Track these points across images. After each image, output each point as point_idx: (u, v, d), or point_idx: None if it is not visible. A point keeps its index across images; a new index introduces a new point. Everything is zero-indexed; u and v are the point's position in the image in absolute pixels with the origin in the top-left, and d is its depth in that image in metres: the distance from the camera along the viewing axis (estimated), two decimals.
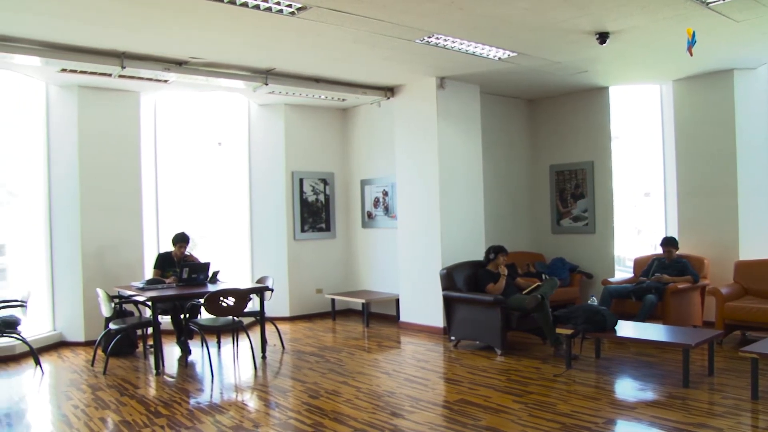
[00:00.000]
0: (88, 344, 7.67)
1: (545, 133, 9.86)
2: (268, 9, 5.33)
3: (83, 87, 7.86)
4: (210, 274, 7.44)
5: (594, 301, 6.48)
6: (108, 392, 5.82)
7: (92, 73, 7.08)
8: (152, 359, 6.72)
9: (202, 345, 7.21)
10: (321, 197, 10.05)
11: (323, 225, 10.07)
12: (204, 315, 7.15)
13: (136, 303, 7.09)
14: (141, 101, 8.44)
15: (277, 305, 9.29)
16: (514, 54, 7.02)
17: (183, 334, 7.40)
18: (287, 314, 9.60)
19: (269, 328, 7.87)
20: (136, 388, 5.97)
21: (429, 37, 6.33)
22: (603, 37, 6.23)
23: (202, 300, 6.59)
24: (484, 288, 7.20)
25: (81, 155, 7.90)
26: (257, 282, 7.75)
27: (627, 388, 5.71)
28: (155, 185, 8.81)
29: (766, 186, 8.01)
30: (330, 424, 4.78)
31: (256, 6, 5.26)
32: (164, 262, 7.64)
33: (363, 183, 10.04)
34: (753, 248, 7.89)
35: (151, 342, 6.81)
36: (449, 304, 7.51)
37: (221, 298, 6.49)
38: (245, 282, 8.88)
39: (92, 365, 6.86)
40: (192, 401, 5.58)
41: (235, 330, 7.39)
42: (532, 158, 9.99)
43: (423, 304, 8.51)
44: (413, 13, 5.57)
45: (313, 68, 7.70)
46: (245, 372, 6.65)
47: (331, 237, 10.18)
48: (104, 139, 8.07)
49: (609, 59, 7.36)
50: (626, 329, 6.23)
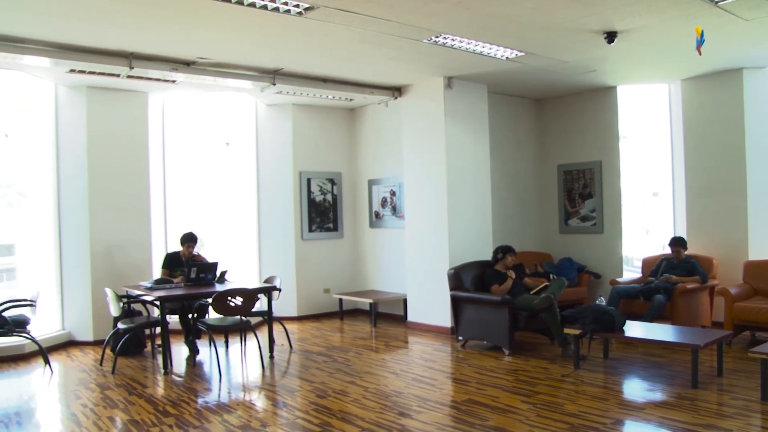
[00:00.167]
0: (97, 343, 7.70)
1: (553, 133, 9.84)
2: (276, 9, 5.33)
3: (91, 87, 7.90)
4: (218, 274, 7.46)
5: (602, 301, 6.46)
6: (116, 391, 5.85)
7: (101, 74, 7.11)
8: (160, 359, 6.74)
9: (210, 344, 7.23)
10: (329, 197, 10.06)
11: (331, 225, 10.08)
12: (212, 314, 7.18)
13: (145, 303, 7.11)
14: (149, 101, 8.47)
15: (285, 305, 9.30)
16: (522, 54, 7.00)
17: (191, 334, 7.43)
18: (295, 314, 9.61)
19: (277, 328, 7.88)
20: (145, 388, 5.99)
21: (436, 37, 6.32)
22: (611, 37, 6.20)
23: (210, 300, 6.61)
24: (489, 288, 7.20)
25: (89, 155, 7.93)
26: (265, 282, 7.77)
27: (635, 389, 5.69)
28: (163, 185, 8.85)
29: None
30: (338, 424, 4.79)
31: (264, 6, 5.27)
32: (172, 262, 7.67)
33: (371, 183, 10.04)
34: (762, 248, 7.84)
35: (160, 341, 6.83)
36: (457, 304, 7.51)
37: (229, 298, 6.51)
38: (253, 282, 8.90)
39: (101, 364, 6.89)
40: (200, 401, 5.60)
41: (243, 330, 7.41)
42: (540, 158, 9.97)
43: (431, 304, 8.50)
44: (420, 13, 5.56)
45: (321, 68, 7.70)
46: (253, 371, 6.66)
47: (339, 237, 10.19)
48: (112, 140, 8.10)
49: (617, 59, 7.33)
50: (634, 329, 6.21)
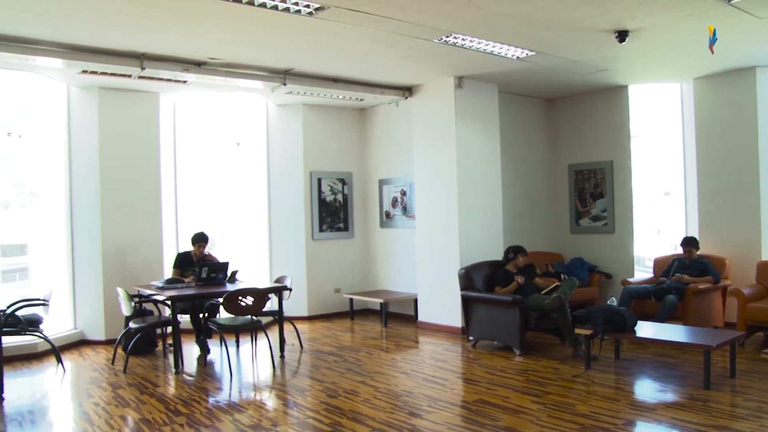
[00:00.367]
0: (109, 343, 7.75)
1: (564, 133, 9.80)
2: (286, 9, 5.35)
3: (103, 88, 7.95)
4: (229, 274, 7.48)
5: (613, 302, 6.42)
6: (128, 390, 5.88)
7: (112, 74, 7.16)
8: (171, 358, 6.77)
9: (221, 344, 7.26)
10: (339, 197, 10.07)
11: (341, 225, 10.09)
12: (223, 314, 7.20)
13: (156, 302, 7.14)
14: (160, 102, 8.51)
15: (296, 305, 9.32)
16: (533, 53, 6.98)
17: (202, 333, 7.45)
18: (305, 314, 9.63)
19: (288, 328, 7.90)
20: (156, 387, 6.02)
21: (447, 37, 6.31)
22: (622, 36, 6.18)
23: (221, 299, 6.63)
24: (494, 288, 7.20)
25: (101, 156, 7.98)
26: (276, 281, 7.79)
27: (647, 390, 5.66)
28: (174, 185, 8.88)
29: None
30: (348, 424, 4.79)
31: (274, 6, 5.28)
32: (183, 262, 7.70)
33: (381, 183, 10.04)
34: None
35: (171, 341, 6.86)
36: (467, 304, 7.49)
37: (240, 298, 6.52)
38: (264, 281, 8.92)
39: (112, 363, 6.93)
40: (211, 400, 5.62)
41: (254, 329, 7.43)
42: (551, 158, 9.94)
43: (441, 304, 8.50)
44: (431, 13, 5.56)
45: (331, 68, 7.71)
46: (264, 371, 6.68)
47: (350, 237, 10.20)
48: (124, 140, 8.15)
49: (628, 58, 7.29)
50: (646, 330, 6.17)
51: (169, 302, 6.54)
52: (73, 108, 8.06)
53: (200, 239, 7.66)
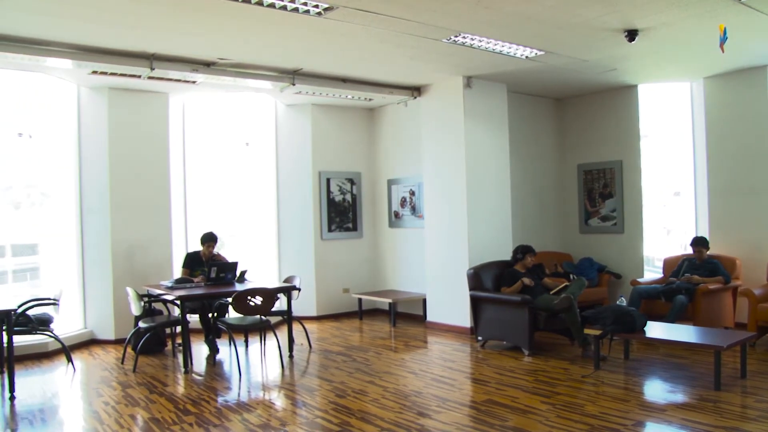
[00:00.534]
0: (118, 342, 7.78)
1: (573, 132, 9.77)
2: (295, 9, 5.35)
3: (113, 89, 7.98)
4: (238, 274, 7.50)
5: (623, 302, 6.39)
6: (137, 389, 5.90)
7: (122, 75, 7.19)
8: (181, 357, 6.79)
9: (230, 344, 7.28)
10: (348, 197, 10.08)
11: (350, 225, 10.10)
12: (232, 314, 7.22)
13: (165, 302, 7.18)
14: (169, 102, 8.54)
15: (304, 304, 9.33)
16: (542, 52, 6.96)
17: (211, 333, 7.47)
18: (314, 313, 9.64)
19: (296, 328, 7.91)
20: (165, 386, 6.04)
21: (456, 37, 6.31)
22: (632, 35, 6.15)
23: (230, 299, 6.65)
24: (500, 288, 7.20)
25: (111, 156, 8.02)
26: (284, 281, 7.80)
27: (656, 390, 5.64)
28: (183, 185, 8.92)
29: None
30: (357, 424, 4.79)
31: (283, 7, 5.29)
32: (192, 262, 7.73)
33: (390, 182, 10.04)
34: None
35: (180, 340, 6.88)
36: (476, 304, 7.48)
37: (249, 297, 6.54)
38: (273, 281, 8.94)
39: (122, 363, 6.97)
40: (220, 399, 5.63)
41: (263, 329, 7.45)
42: (560, 157, 9.91)
43: (450, 304, 8.49)
44: (440, 13, 5.55)
45: (340, 68, 7.72)
46: (272, 371, 6.69)
47: (358, 237, 10.20)
48: (133, 140, 8.19)
49: (638, 57, 7.26)
50: (656, 330, 6.14)
51: (179, 302, 6.56)
52: (83, 108, 8.10)
53: (209, 239, 7.69)
